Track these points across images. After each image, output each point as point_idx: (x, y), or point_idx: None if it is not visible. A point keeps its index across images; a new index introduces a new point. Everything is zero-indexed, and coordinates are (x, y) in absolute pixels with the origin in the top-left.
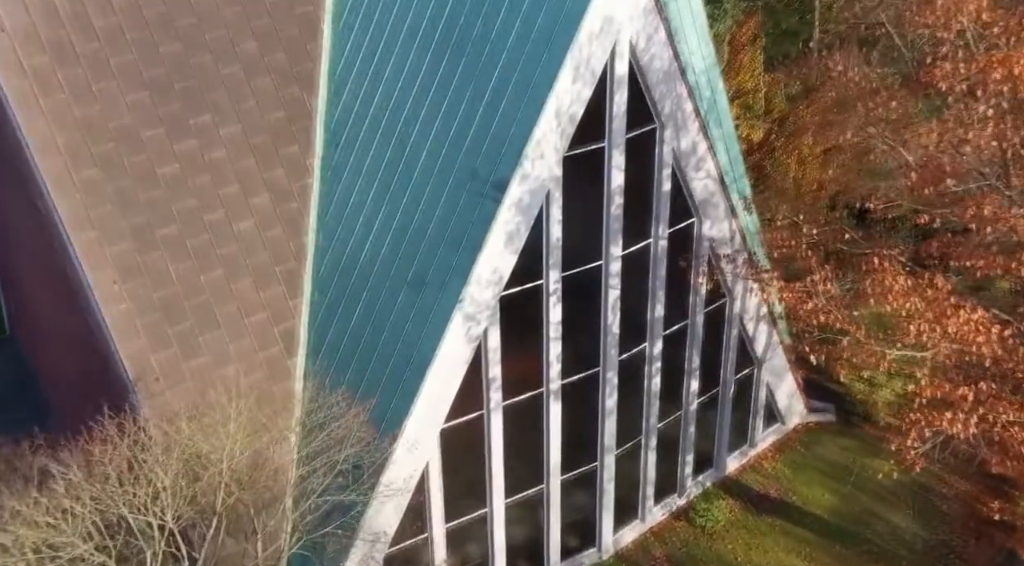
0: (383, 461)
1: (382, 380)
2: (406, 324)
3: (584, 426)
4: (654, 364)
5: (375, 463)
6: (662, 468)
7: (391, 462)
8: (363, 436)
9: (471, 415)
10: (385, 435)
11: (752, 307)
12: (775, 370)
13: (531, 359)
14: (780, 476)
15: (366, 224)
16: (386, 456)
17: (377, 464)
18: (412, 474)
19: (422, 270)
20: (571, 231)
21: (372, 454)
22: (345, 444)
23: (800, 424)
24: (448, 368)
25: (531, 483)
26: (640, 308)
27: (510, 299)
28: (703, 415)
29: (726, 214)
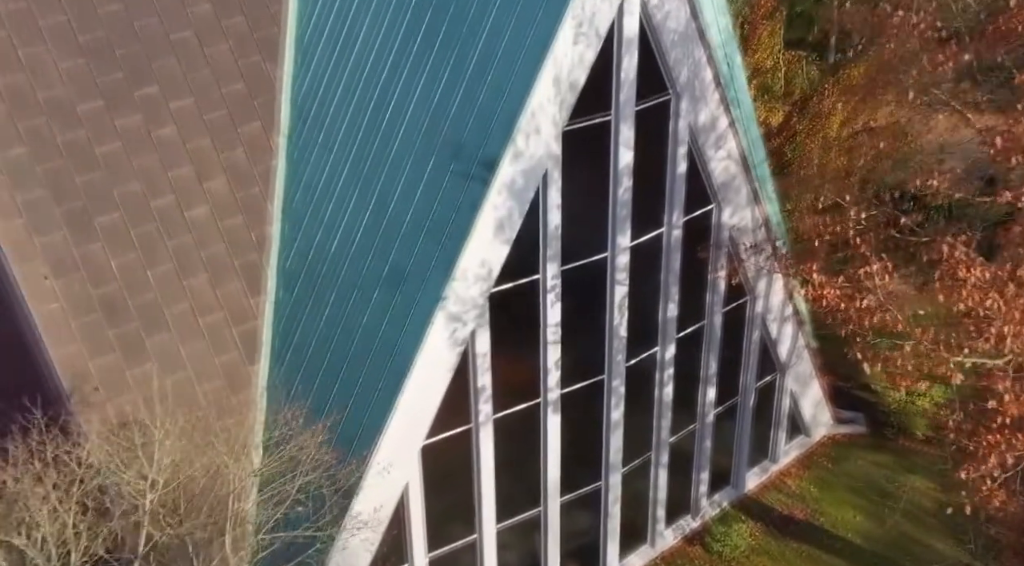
0: (352, 487)
1: (354, 390)
2: (382, 326)
3: (586, 441)
4: (666, 371)
5: (341, 490)
6: (674, 487)
7: (361, 487)
8: (324, 459)
9: (457, 430)
10: (355, 455)
11: (776, 306)
12: (800, 377)
13: (526, 366)
14: (806, 495)
15: (337, 211)
16: (355, 481)
17: (343, 491)
18: (387, 501)
19: (400, 263)
20: (572, 218)
21: (339, 480)
22: (300, 469)
23: (826, 437)
24: (430, 376)
25: (526, 505)
26: (651, 307)
27: (501, 297)
28: (720, 427)
29: (749, 200)
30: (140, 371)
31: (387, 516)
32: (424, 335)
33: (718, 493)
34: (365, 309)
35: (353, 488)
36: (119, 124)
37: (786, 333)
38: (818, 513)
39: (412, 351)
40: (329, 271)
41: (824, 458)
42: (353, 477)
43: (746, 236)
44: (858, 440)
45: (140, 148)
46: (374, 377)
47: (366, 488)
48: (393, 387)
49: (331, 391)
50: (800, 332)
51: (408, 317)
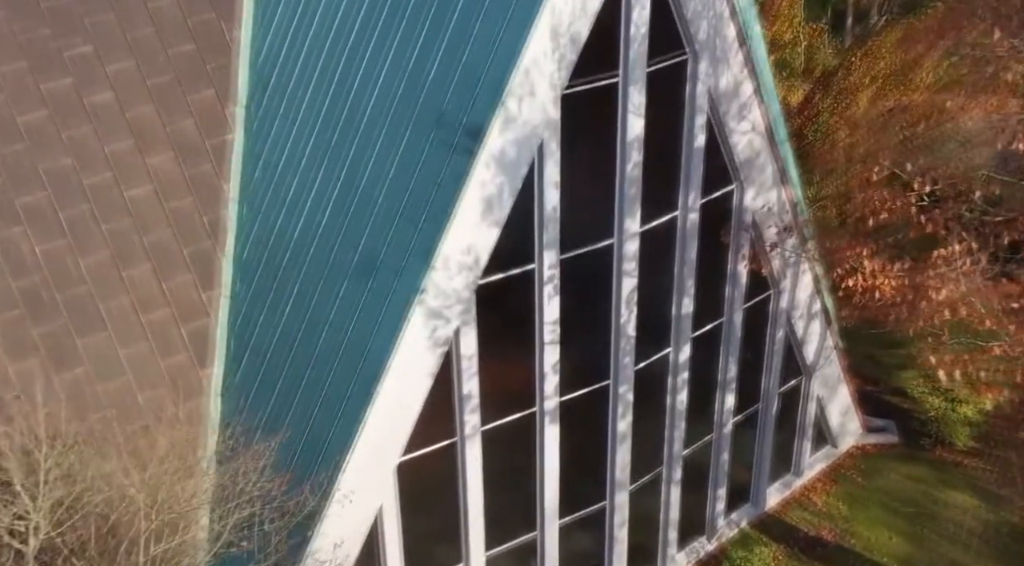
0: (312, 515)
1: (318, 399)
2: (351, 323)
3: (589, 456)
4: (679, 375)
5: (295, 521)
6: (687, 506)
7: (324, 516)
8: (268, 487)
9: (439, 444)
10: (318, 477)
11: (803, 301)
12: (827, 380)
13: (519, 370)
14: (834, 513)
15: (300, 191)
16: (314, 509)
17: (301, 520)
18: (356, 530)
19: (372, 250)
20: (573, 198)
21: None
22: (233, 502)
23: (855, 447)
24: (407, 382)
25: (520, 530)
26: (663, 303)
27: (490, 290)
28: (739, 438)
29: (775, 180)
30: (71, 376)
31: (356, 549)
32: (400, 334)
33: (736, 512)
34: (332, 304)
35: (314, 517)
36: (46, 89)
37: (813, 331)
38: (849, 534)
39: (386, 353)
40: (291, 260)
41: (853, 471)
42: (310, 504)
43: (771, 221)
44: (890, 451)
45: (70, 118)
46: (342, 383)
47: (331, 517)
48: (364, 394)
49: (292, 400)
50: (828, 331)
51: (381, 313)
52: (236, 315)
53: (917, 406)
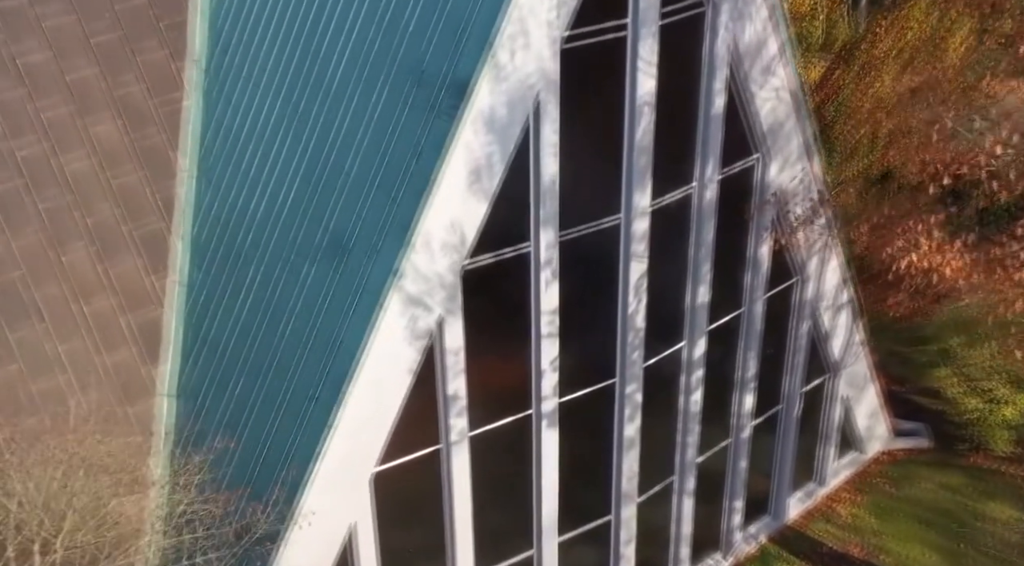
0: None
1: (281, 399)
2: (318, 312)
3: (592, 464)
4: (694, 373)
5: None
6: (701, 518)
7: (286, 540)
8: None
9: (421, 452)
10: (281, 491)
11: (830, 291)
12: (854, 379)
13: (513, 367)
14: (862, 526)
15: (264, 161)
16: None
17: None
18: (324, 554)
19: (342, 228)
20: (574, 168)
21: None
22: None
23: (883, 453)
24: (383, 379)
25: (514, 548)
26: (675, 290)
27: (479, 274)
28: (758, 443)
29: (801, 152)
30: (1, 375)
31: None
32: (374, 325)
33: (754, 525)
34: (297, 291)
35: (274, 540)
36: None
37: (840, 325)
38: (879, 549)
39: (358, 346)
40: (253, 242)
41: (882, 479)
42: (262, 526)
43: (798, 198)
44: (922, 457)
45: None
46: (308, 381)
47: (295, 540)
48: (333, 394)
49: (251, 401)
50: (856, 325)
51: (353, 300)
52: (190, 304)
53: (951, 407)
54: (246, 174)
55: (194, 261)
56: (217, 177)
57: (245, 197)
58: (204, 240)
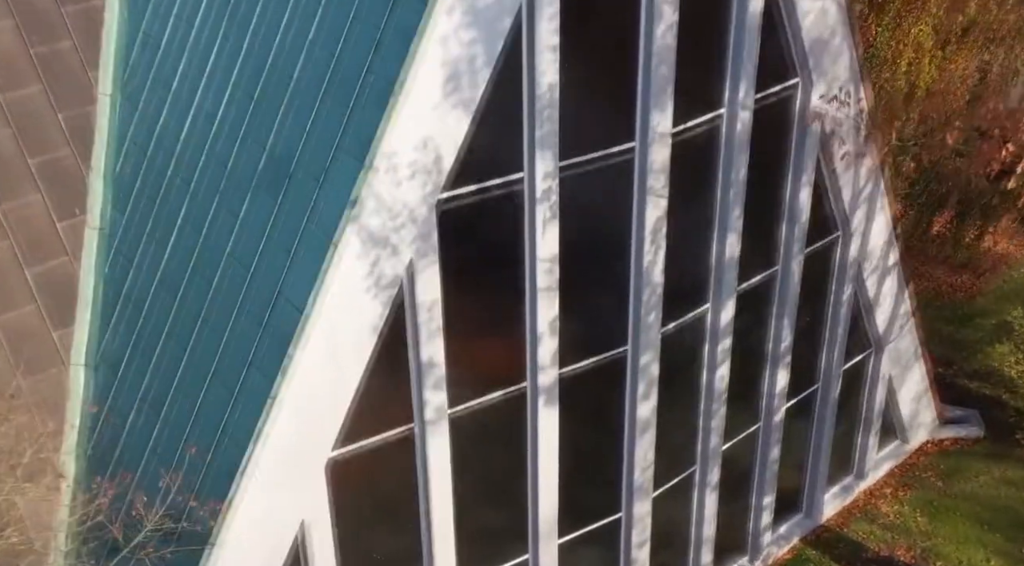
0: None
1: (212, 367)
2: (255, 255)
3: (599, 451)
4: (720, 342)
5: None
6: (725, 517)
7: (219, 541)
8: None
9: (389, 433)
10: (209, 483)
11: (877, 250)
12: (900, 357)
13: (502, 328)
14: (910, 527)
15: (197, 76)
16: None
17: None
18: (270, 559)
19: (284, 148)
20: (578, 75)
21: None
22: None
23: (929, 443)
24: (338, 342)
25: (505, 551)
26: (700, 240)
27: (459, 209)
28: (791, 429)
29: (852, 74)
30: None
31: None
32: (325, 271)
33: (785, 524)
34: (232, 232)
35: (204, 544)
36: None
37: (887, 292)
38: (932, 554)
39: (306, 298)
40: (178, 171)
41: (930, 473)
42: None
43: (844, 132)
44: (974, 448)
45: None
46: (244, 343)
47: (230, 543)
48: (275, 359)
49: (177, 369)
50: (903, 292)
51: (297, 240)
52: (107, 253)
53: (1006, 392)
54: (177, 93)
55: (114, 201)
56: (138, 94)
57: (174, 121)
58: (124, 173)
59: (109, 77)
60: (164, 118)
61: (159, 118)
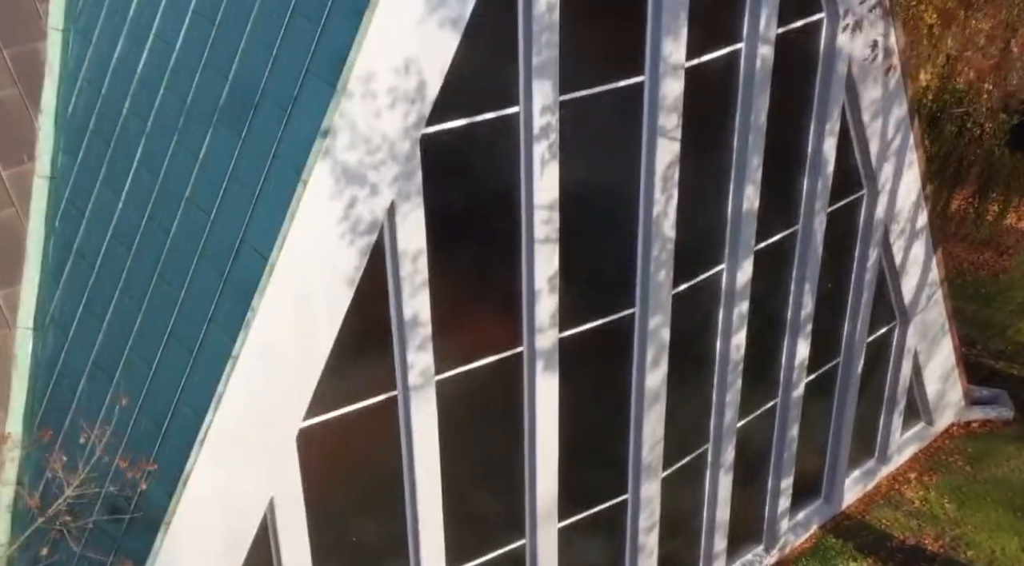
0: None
1: (167, 325)
2: (216, 197)
3: (603, 425)
4: (736, 307)
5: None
6: (739, 500)
7: (172, 519)
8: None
9: (368, 401)
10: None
11: (905, 211)
12: (928, 330)
13: (496, 284)
14: (938, 514)
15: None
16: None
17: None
18: (232, 542)
19: (248, 75)
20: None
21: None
22: None
23: (956, 425)
24: (308, 294)
25: (499, 537)
26: (716, 190)
27: (447, 143)
28: (811, 407)
29: (882, 8)
30: None
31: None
32: (293, 212)
33: (803, 511)
34: (190, 171)
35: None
36: None
37: (915, 258)
38: (961, 542)
39: (271, 243)
40: (133, 110)
41: (957, 457)
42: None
43: (874, 72)
44: (1002, 431)
45: None
46: (203, 296)
47: (185, 522)
48: (236, 315)
49: (130, 330)
50: (932, 259)
51: (263, 177)
52: (57, 203)
53: None
54: (134, 22)
55: (65, 146)
56: (98, 33)
57: (130, 54)
58: (79, 118)
59: (60, 9)
60: (119, 52)
61: (114, 52)
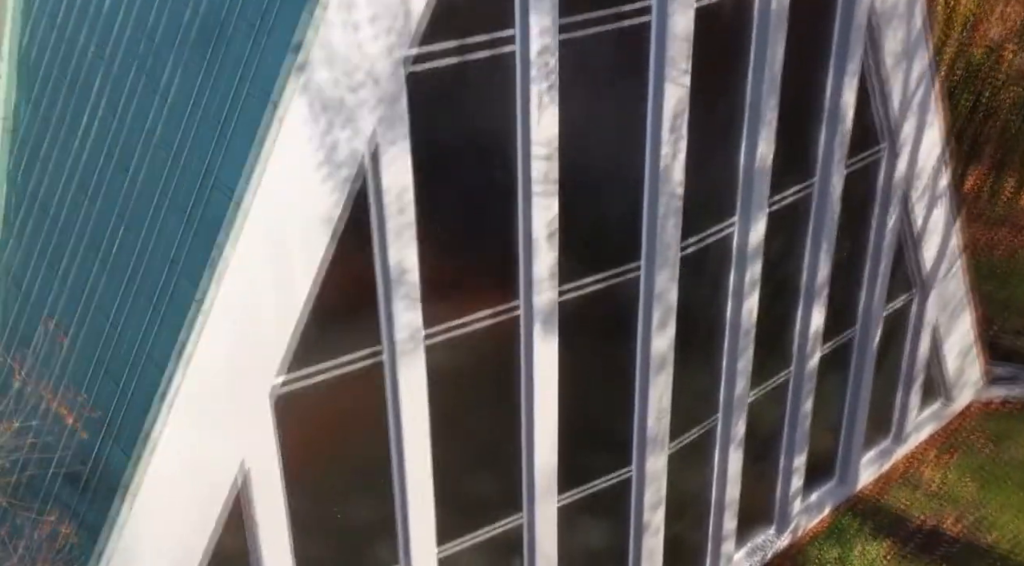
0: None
1: (127, 274)
2: (182, 133)
3: (606, 393)
4: (748, 269)
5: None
6: (750, 478)
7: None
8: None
9: (351, 361)
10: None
11: (926, 172)
12: (947, 301)
13: (490, 233)
14: (957, 495)
15: None
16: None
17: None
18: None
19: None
20: None
21: None
22: None
23: (974, 404)
24: (282, 239)
25: (495, 512)
26: (727, 137)
27: (435, 74)
28: (825, 380)
29: None
30: None
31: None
32: (264, 146)
33: (816, 492)
34: (154, 106)
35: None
36: None
37: (935, 226)
38: (983, 524)
39: (240, 181)
40: (91, 44)
41: (977, 436)
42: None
43: (896, 19)
44: (1023, 411)
45: None
46: (167, 241)
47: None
48: (200, 260)
49: (90, 281)
50: (953, 225)
51: (233, 108)
52: (13, 149)
53: None
54: None
55: (22, 88)
56: None
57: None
58: (37, 58)
59: None
60: None
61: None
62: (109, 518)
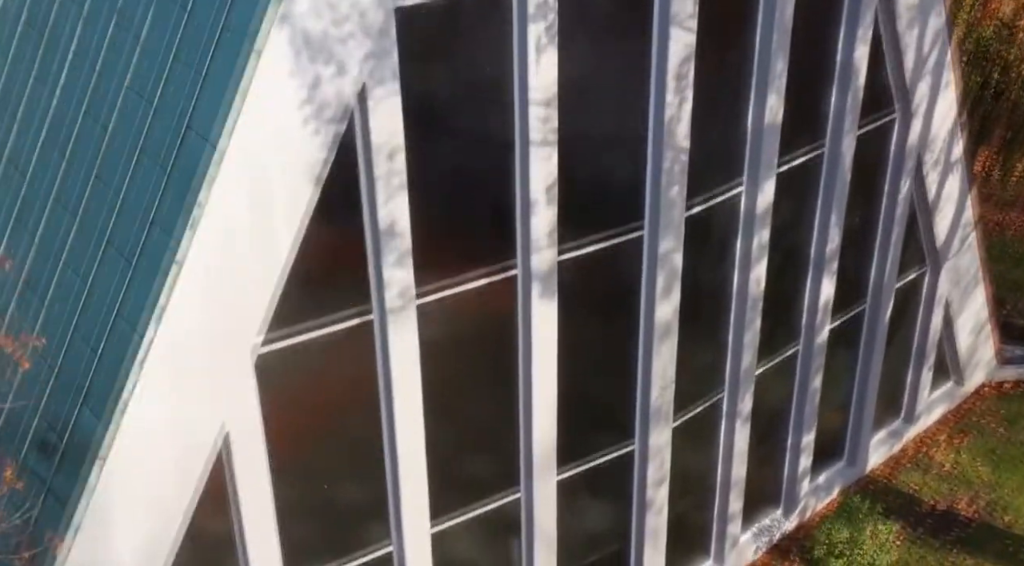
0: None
1: (103, 230)
2: (155, 78)
3: (608, 362)
4: (756, 234)
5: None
6: (757, 457)
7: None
8: None
9: (340, 322)
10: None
11: (941, 140)
12: (961, 277)
13: (486, 190)
14: (970, 477)
15: None
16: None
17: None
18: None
19: None
20: None
21: None
22: None
23: (987, 385)
24: (266, 190)
25: (491, 487)
26: (734, 94)
27: (429, 18)
28: (834, 356)
29: None
30: None
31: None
32: (245, 89)
33: (825, 473)
34: (126, 55)
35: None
36: None
37: (949, 193)
38: (998, 506)
39: (219, 128)
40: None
41: (989, 418)
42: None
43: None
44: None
45: None
46: (140, 194)
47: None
48: (181, 212)
49: (60, 236)
50: (967, 197)
51: (211, 49)
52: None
53: None
54: None
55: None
56: None
57: None
58: (7, 10)
59: None
60: None
61: None
62: (79, 484)
